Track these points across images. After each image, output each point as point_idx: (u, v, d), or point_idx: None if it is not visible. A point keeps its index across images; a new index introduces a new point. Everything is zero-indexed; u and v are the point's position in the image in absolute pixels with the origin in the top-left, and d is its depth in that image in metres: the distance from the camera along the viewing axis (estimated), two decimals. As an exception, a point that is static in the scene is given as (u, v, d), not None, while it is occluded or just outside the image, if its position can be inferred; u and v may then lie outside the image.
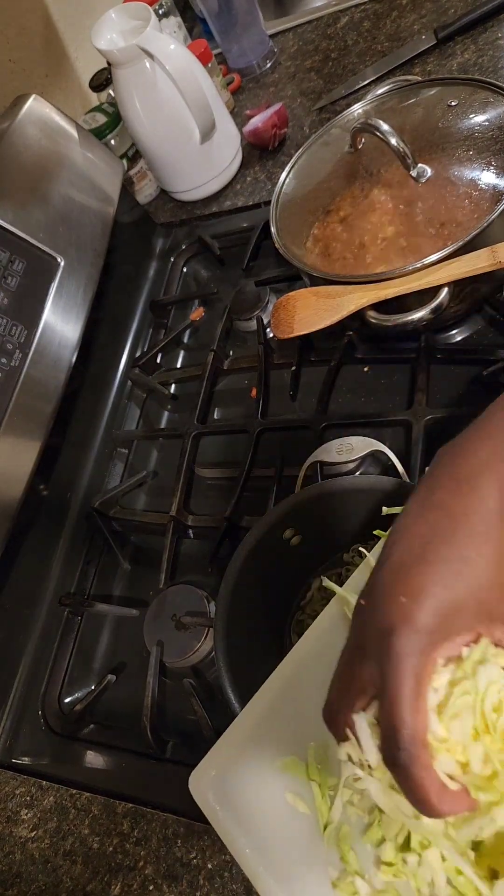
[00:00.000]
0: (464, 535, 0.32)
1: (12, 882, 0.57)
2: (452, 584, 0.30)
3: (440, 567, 0.31)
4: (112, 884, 0.53)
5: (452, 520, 0.32)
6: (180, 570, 0.69)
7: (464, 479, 0.33)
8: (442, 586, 0.30)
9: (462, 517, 0.32)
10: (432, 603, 0.30)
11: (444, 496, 0.33)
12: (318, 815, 0.38)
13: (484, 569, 0.31)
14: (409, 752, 0.29)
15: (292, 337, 0.63)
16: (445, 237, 0.56)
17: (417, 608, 0.30)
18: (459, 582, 0.30)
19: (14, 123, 0.68)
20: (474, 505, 0.32)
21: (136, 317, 0.92)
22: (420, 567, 0.31)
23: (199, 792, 0.42)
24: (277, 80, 1.02)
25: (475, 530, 0.31)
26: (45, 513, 0.75)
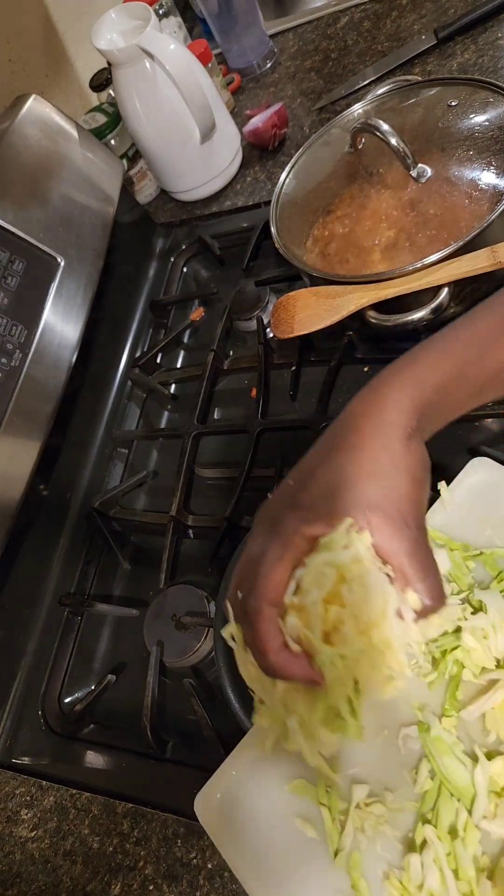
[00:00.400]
0: (357, 431, 0.35)
1: (12, 882, 0.57)
2: (334, 475, 0.34)
3: (329, 463, 0.35)
4: (112, 884, 0.53)
5: (354, 426, 0.36)
6: (180, 570, 0.69)
7: (373, 386, 0.38)
8: (324, 474, 0.34)
9: (362, 421, 0.36)
10: (312, 485, 0.34)
11: (354, 401, 0.38)
12: (329, 840, 0.37)
13: (365, 465, 0.34)
14: (255, 605, 0.32)
15: (292, 337, 0.63)
16: (445, 237, 0.57)
17: (297, 488, 0.35)
18: (341, 474, 0.34)
19: (14, 123, 0.69)
20: (377, 415, 0.36)
21: (136, 317, 0.92)
22: (315, 463, 0.36)
23: (205, 815, 0.41)
24: (277, 80, 1.02)
25: (368, 433, 0.35)
26: (45, 513, 0.75)
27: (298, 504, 0.34)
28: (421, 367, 0.39)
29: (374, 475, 0.33)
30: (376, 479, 0.33)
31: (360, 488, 0.33)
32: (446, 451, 0.60)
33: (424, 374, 0.38)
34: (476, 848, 0.34)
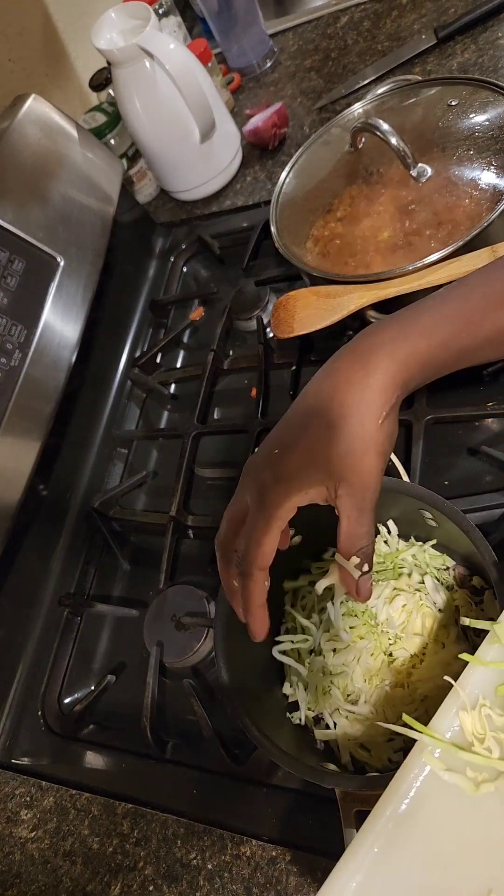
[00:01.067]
0: (337, 405, 0.38)
1: (12, 882, 0.57)
2: (312, 450, 0.38)
3: (308, 436, 0.38)
4: (112, 884, 0.53)
5: (335, 400, 0.38)
6: (180, 570, 0.69)
7: (360, 353, 0.39)
8: (303, 447, 0.38)
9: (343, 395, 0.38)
10: (292, 457, 0.39)
11: (340, 365, 0.39)
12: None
13: (340, 444, 0.37)
14: (248, 570, 0.40)
15: (292, 337, 0.63)
16: (445, 237, 0.56)
17: (280, 456, 0.39)
18: (318, 451, 0.38)
19: (14, 123, 0.68)
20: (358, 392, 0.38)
21: (136, 316, 0.92)
22: (295, 431, 0.40)
23: None
24: (277, 79, 1.02)
25: (346, 412, 0.38)
26: (45, 513, 0.75)
27: (280, 476, 0.39)
28: (410, 341, 0.39)
29: (346, 455, 0.37)
30: (348, 458, 0.37)
31: (333, 464, 0.37)
32: (447, 451, 0.60)
33: (413, 350, 0.39)
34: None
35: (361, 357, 0.39)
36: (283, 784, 0.51)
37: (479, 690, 0.36)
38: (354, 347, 0.40)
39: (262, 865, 0.48)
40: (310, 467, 0.38)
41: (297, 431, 0.40)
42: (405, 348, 0.39)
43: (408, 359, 0.39)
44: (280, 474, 0.39)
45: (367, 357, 0.39)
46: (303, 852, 0.48)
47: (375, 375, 0.38)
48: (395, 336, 0.39)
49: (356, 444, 0.37)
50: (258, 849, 0.49)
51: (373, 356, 0.39)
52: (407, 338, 0.39)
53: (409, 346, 0.39)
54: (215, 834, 0.51)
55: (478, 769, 0.33)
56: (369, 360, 0.39)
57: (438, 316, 0.40)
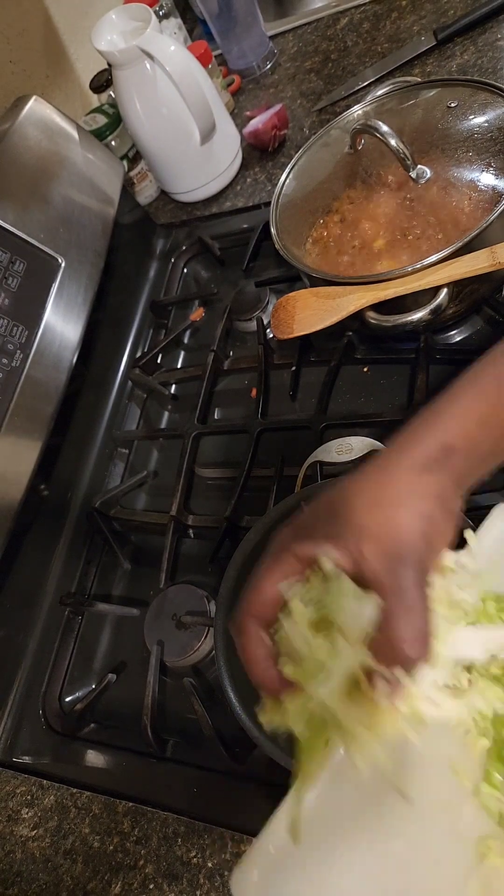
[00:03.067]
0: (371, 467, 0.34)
1: (13, 881, 0.57)
2: (337, 498, 0.33)
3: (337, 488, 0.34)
4: (112, 883, 0.53)
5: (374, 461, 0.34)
6: (180, 569, 0.69)
7: (392, 444, 0.35)
8: (328, 497, 0.34)
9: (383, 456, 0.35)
10: (315, 507, 0.34)
11: (384, 451, 0.35)
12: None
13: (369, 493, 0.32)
14: (240, 619, 0.33)
15: (292, 337, 0.63)
16: (445, 238, 0.57)
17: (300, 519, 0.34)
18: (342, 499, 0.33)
19: (15, 124, 0.69)
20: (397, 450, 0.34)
21: (137, 317, 0.92)
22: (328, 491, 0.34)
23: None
24: (277, 81, 1.02)
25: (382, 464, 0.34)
26: (46, 513, 0.75)
27: (297, 523, 0.34)
28: (445, 414, 0.35)
29: (375, 504, 0.31)
30: (377, 509, 0.31)
31: (358, 515, 0.31)
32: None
33: (449, 430, 0.34)
34: None
35: (388, 451, 0.35)
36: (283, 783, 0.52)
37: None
38: (382, 451, 0.36)
39: (262, 863, 0.49)
40: (332, 517, 0.32)
41: (327, 497, 0.35)
42: (441, 429, 0.34)
43: (446, 435, 0.33)
44: (298, 522, 0.35)
45: (398, 446, 0.34)
46: (303, 850, 0.48)
47: (414, 436, 0.34)
48: (426, 419, 0.35)
49: (388, 495, 0.31)
50: (258, 847, 0.49)
51: (407, 440, 0.34)
52: (439, 419, 0.34)
53: (442, 426, 0.34)
54: (215, 832, 0.51)
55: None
56: (408, 432, 0.34)
57: (468, 398, 0.35)
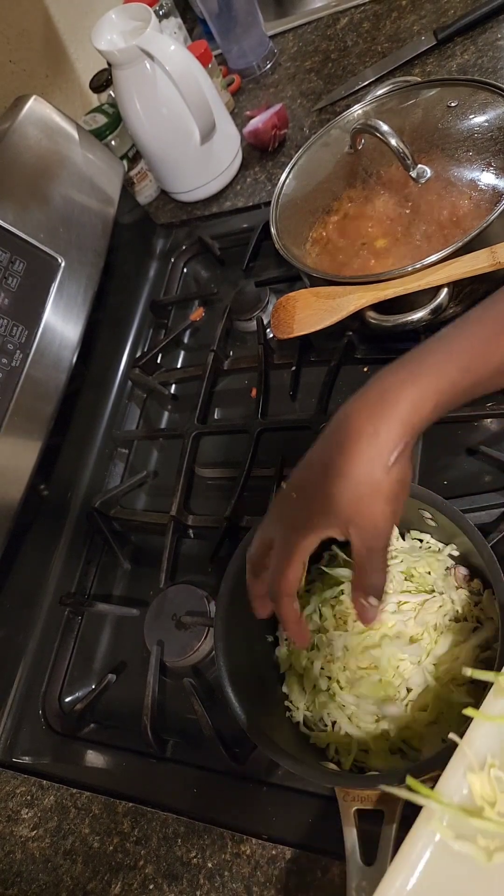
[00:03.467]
0: (347, 453, 0.39)
1: (13, 881, 0.57)
2: (326, 496, 0.40)
3: (322, 484, 0.40)
4: (112, 883, 0.53)
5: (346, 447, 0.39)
6: (180, 570, 0.69)
7: (369, 400, 0.40)
8: (317, 494, 0.40)
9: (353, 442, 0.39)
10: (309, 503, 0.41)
11: (350, 412, 0.40)
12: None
13: (349, 491, 0.39)
14: (278, 596, 0.43)
15: (292, 337, 0.63)
16: (445, 237, 0.57)
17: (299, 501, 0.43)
18: (331, 498, 0.39)
19: (14, 124, 0.69)
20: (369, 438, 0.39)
21: (137, 317, 0.92)
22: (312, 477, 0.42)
23: None
24: (277, 80, 1.02)
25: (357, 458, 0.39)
26: (46, 513, 0.75)
27: (298, 522, 0.42)
28: (420, 384, 0.39)
29: (356, 501, 0.39)
30: (357, 504, 0.39)
31: (343, 511, 0.40)
32: (446, 451, 0.60)
33: (423, 392, 0.39)
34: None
35: (371, 404, 0.40)
36: (283, 783, 0.52)
37: (488, 748, 0.33)
38: (365, 394, 0.41)
39: (261, 864, 0.49)
40: (324, 514, 0.40)
41: (314, 476, 0.42)
42: (415, 392, 0.39)
43: (418, 402, 0.39)
44: (299, 520, 0.42)
45: (376, 404, 0.40)
46: (303, 851, 0.48)
47: (385, 422, 0.39)
48: (405, 379, 0.40)
49: (364, 490, 0.39)
50: (258, 847, 0.49)
51: (383, 403, 0.39)
52: (416, 380, 0.39)
53: (419, 388, 0.39)
54: (215, 832, 0.51)
55: (490, 836, 0.31)
56: (379, 407, 0.39)
57: (446, 353, 0.40)
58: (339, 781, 0.45)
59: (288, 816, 0.50)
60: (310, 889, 0.46)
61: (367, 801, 0.43)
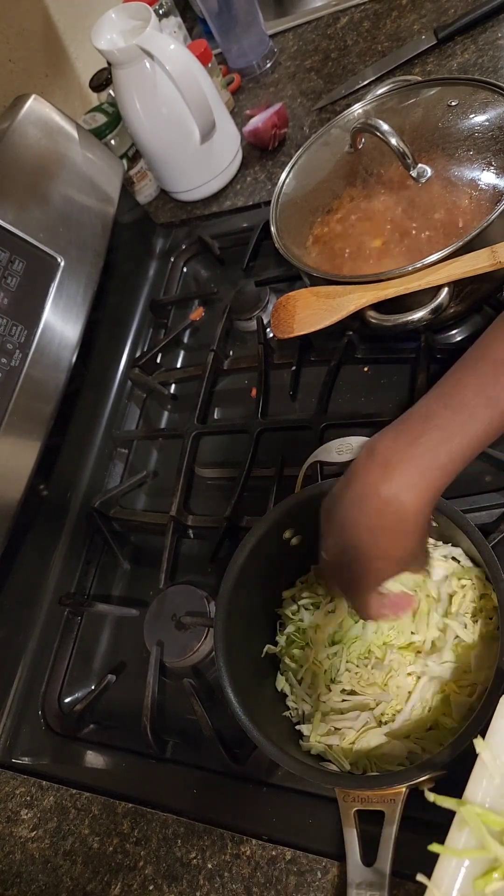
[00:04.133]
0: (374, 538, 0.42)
1: (12, 882, 0.57)
2: (364, 564, 0.43)
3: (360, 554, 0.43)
4: (112, 884, 0.53)
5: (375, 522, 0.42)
6: (180, 570, 0.69)
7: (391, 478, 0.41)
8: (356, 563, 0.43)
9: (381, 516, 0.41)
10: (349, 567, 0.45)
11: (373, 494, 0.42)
12: None
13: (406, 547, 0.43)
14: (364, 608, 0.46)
15: (292, 337, 0.63)
16: (445, 237, 0.56)
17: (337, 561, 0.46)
18: (369, 564, 0.43)
19: (14, 123, 0.68)
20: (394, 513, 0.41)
21: (136, 317, 0.92)
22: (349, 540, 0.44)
23: None
24: (277, 80, 1.02)
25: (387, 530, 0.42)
26: (45, 513, 0.75)
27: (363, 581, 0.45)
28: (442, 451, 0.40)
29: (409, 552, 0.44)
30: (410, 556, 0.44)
31: (399, 561, 0.44)
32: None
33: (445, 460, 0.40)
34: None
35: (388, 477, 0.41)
36: (283, 784, 0.52)
37: (457, 887, 0.31)
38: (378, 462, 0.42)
39: (261, 865, 0.48)
40: (386, 569, 0.44)
41: (367, 538, 0.43)
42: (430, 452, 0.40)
43: (444, 469, 0.41)
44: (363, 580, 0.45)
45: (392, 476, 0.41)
46: (303, 852, 0.48)
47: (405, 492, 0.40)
48: (423, 453, 0.40)
49: (415, 545, 0.43)
50: (258, 848, 0.49)
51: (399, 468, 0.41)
52: (436, 450, 0.40)
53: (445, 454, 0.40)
54: (215, 833, 0.51)
55: None
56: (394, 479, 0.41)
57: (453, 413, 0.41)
58: (340, 782, 0.45)
59: (288, 817, 0.50)
60: (310, 890, 0.46)
61: (367, 803, 0.43)
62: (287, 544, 0.56)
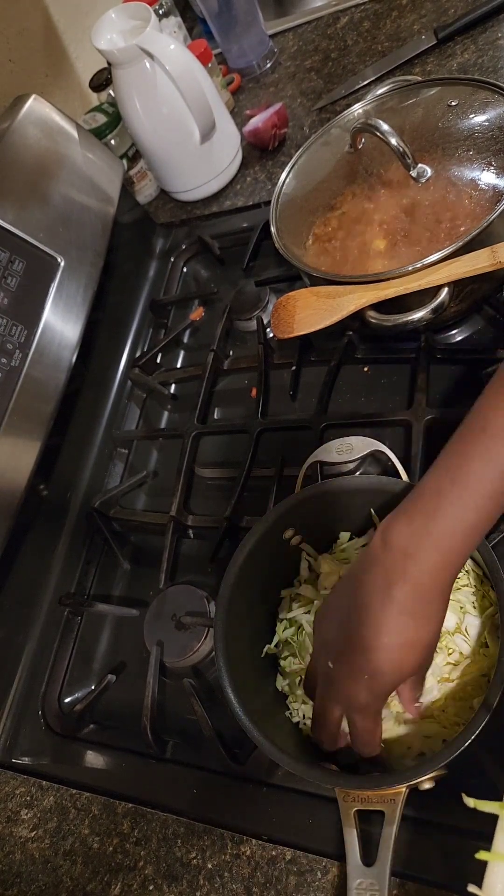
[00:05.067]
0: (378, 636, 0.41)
1: (12, 882, 0.57)
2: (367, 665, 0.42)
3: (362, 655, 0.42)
4: (112, 884, 0.53)
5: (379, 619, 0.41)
6: (180, 570, 0.69)
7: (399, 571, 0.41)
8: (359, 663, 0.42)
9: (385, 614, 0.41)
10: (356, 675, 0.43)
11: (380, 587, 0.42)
12: None
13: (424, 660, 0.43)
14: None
15: (292, 337, 0.63)
16: (445, 237, 0.56)
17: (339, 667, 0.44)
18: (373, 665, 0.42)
19: (14, 123, 0.68)
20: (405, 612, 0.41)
21: (136, 317, 0.92)
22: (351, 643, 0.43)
23: None
24: (277, 80, 1.02)
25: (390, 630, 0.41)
26: (45, 513, 0.75)
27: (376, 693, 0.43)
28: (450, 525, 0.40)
29: (425, 661, 0.43)
30: (426, 664, 0.44)
31: (415, 669, 0.43)
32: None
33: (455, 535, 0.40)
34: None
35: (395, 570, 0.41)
36: (283, 784, 0.51)
37: None
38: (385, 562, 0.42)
39: (261, 865, 0.48)
40: (396, 679, 0.42)
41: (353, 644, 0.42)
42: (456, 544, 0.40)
43: (462, 550, 0.41)
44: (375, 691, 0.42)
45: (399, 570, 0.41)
46: (303, 852, 0.48)
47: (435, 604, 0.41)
48: (441, 537, 0.40)
49: (438, 630, 0.42)
50: (258, 848, 0.49)
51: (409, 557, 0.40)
52: (453, 532, 0.40)
53: (461, 533, 0.40)
54: (215, 833, 0.51)
55: None
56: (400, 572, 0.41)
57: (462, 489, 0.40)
58: (340, 782, 0.45)
59: (288, 817, 0.50)
60: (310, 890, 0.46)
61: (368, 803, 0.43)
62: (287, 544, 0.56)
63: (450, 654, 0.47)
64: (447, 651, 0.47)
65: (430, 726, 0.46)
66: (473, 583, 0.50)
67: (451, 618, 0.48)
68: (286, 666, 0.54)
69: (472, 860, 0.34)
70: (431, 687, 0.47)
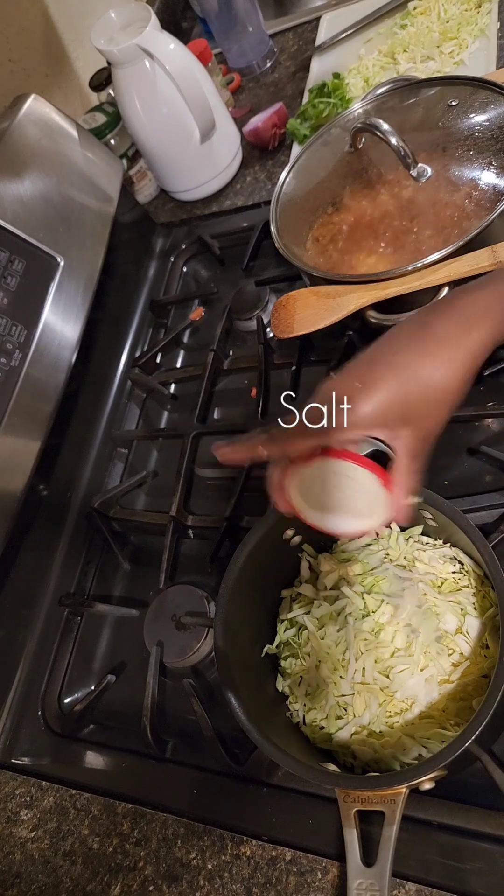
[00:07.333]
0: (431, 352, 0.40)
1: (12, 882, 0.57)
2: (396, 389, 0.39)
3: (397, 371, 0.40)
4: (112, 884, 0.53)
5: (428, 339, 0.40)
6: (180, 570, 0.69)
7: (461, 310, 0.41)
8: (387, 389, 0.39)
9: (441, 340, 0.40)
10: (378, 396, 0.39)
11: (434, 319, 0.41)
12: None
13: (428, 388, 0.39)
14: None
15: (292, 337, 0.63)
16: (445, 237, 0.56)
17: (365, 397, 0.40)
18: (404, 386, 0.39)
19: (14, 123, 0.68)
20: (453, 333, 0.40)
21: (136, 317, 0.92)
22: (381, 367, 0.40)
23: None
24: (277, 79, 1.02)
25: (441, 353, 0.40)
26: (45, 513, 0.75)
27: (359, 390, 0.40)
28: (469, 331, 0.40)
29: (425, 402, 0.40)
30: (424, 406, 0.40)
31: (410, 406, 0.40)
32: (447, 451, 0.60)
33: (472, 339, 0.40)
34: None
35: (462, 314, 0.41)
36: (283, 784, 0.51)
37: None
38: (455, 305, 0.42)
39: (261, 865, 0.48)
40: (382, 411, 0.39)
41: (379, 372, 0.40)
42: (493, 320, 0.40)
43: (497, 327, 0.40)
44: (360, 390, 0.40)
45: (468, 315, 0.41)
46: (302, 852, 0.48)
47: (473, 336, 0.40)
48: (492, 304, 0.41)
49: (438, 395, 0.40)
50: (258, 849, 0.49)
51: (474, 316, 0.41)
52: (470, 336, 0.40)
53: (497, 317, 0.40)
54: (215, 834, 0.51)
55: None
56: (470, 318, 0.41)
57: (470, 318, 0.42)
58: (340, 782, 0.45)
59: (288, 817, 0.50)
60: (310, 890, 0.46)
61: (368, 803, 0.43)
62: (287, 544, 0.56)
63: (450, 654, 0.47)
64: (448, 652, 0.47)
65: (430, 726, 0.46)
66: (474, 584, 0.50)
67: (452, 619, 0.48)
68: (286, 667, 0.54)
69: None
70: (432, 688, 0.47)
